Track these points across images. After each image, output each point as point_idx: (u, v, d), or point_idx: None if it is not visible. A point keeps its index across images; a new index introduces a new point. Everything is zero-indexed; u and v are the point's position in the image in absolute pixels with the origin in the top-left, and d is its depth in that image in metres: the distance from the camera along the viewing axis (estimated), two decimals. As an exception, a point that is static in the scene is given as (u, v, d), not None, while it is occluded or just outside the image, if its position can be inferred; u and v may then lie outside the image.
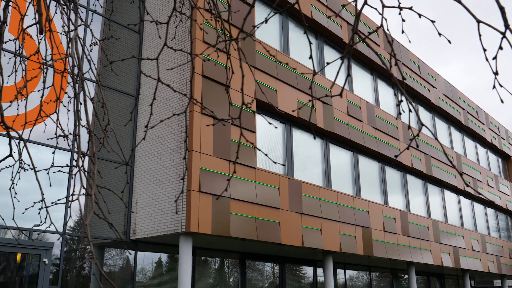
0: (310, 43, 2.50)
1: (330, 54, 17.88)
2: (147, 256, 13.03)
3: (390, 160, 19.26)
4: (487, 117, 30.43)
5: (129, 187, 12.64)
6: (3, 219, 3.42)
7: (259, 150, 2.75)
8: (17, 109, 4.00)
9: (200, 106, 2.91)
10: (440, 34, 2.25)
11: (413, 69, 22.58)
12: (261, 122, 14.05)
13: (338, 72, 2.07)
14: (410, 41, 2.63)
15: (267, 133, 14.24)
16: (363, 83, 19.43)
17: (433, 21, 2.33)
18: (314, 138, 4.81)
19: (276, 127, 4.05)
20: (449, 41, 2.36)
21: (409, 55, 22.55)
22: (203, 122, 11.70)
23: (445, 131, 25.32)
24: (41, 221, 4.18)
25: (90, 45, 3.95)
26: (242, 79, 2.78)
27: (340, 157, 16.95)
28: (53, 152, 3.44)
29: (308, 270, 17.33)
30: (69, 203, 11.09)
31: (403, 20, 2.41)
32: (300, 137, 15.43)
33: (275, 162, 3.74)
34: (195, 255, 13.57)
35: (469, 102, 28.27)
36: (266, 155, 2.92)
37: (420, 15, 2.26)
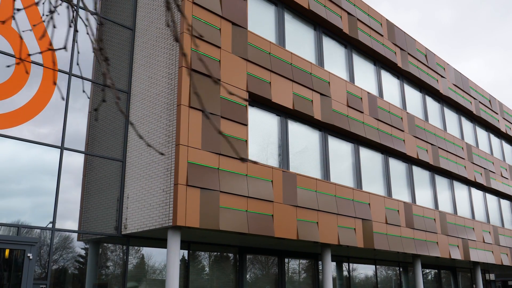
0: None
1: (330, 45, 17.67)
2: (151, 251, 13.11)
3: (394, 151, 18.97)
4: (501, 107, 29.78)
5: (120, 182, 12.71)
6: None
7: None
8: None
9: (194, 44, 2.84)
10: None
11: (420, 59, 22.18)
12: (255, 115, 13.97)
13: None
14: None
15: (261, 125, 14.15)
16: (365, 74, 19.16)
17: None
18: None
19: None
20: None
21: (415, 45, 22.15)
22: (191, 116, 11.68)
23: (455, 122, 24.85)
24: None
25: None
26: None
27: (340, 149, 16.77)
28: None
29: (308, 264, 17.23)
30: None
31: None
32: (297, 130, 15.29)
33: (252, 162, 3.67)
34: (189, 250, 13.60)
35: (482, 92, 27.68)
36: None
37: None
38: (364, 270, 19.76)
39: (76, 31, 2.82)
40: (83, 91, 13.98)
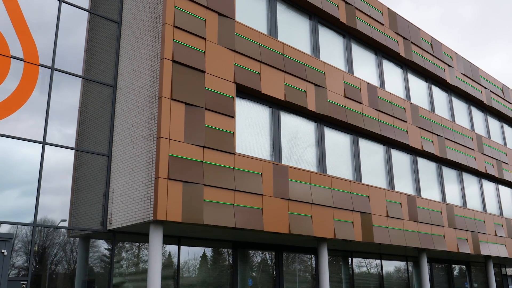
0: None
1: (327, 35, 17.26)
2: (138, 246, 12.94)
3: (397, 143, 18.46)
4: (516, 96, 28.89)
5: (106, 177, 12.55)
6: None
7: None
8: None
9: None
10: None
11: (425, 48, 21.58)
12: (244, 106, 13.67)
13: None
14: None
15: (251, 117, 13.84)
16: (366, 64, 18.69)
17: None
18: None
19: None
20: None
21: (420, 34, 21.55)
22: (173, 109, 11.44)
23: (464, 112, 24.15)
24: None
25: None
26: None
27: (337, 141, 16.36)
28: None
29: (307, 259, 16.88)
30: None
31: None
32: (291, 122, 14.94)
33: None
34: (180, 245, 13.38)
35: (493, 81, 26.88)
36: None
37: None
38: (369, 265, 19.31)
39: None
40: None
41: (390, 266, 20.17)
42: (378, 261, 19.52)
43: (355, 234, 15.05)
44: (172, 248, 13.34)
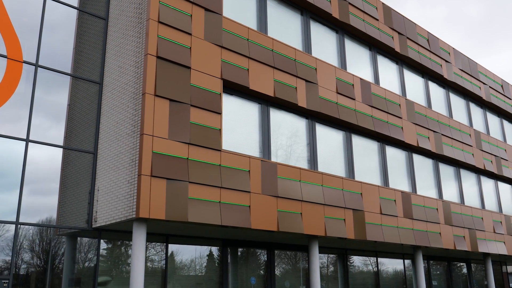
0: None
1: (319, 31, 17.07)
2: (124, 244, 12.82)
3: (391, 139, 18.25)
4: (516, 92, 28.57)
5: (92, 175, 12.43)
6: None
7: None
8: None
9: None
10: None
11: (421, 44, 21.34)
12: (232, 102, 13.52)
13: None
14: None
15: (239, 114, 13.68)
16: (360, 60, 18.48)
17: None
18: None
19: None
20: None
21: (416, 29, 21.31)
22: (157, 105, 11.30)
23: (462, 108, 23.89)
24: None
25: None
26: None
27: (329, 137, 16.17)
28: None
29: (299, 256, 16.71)
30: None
31: None
32: (281, 118, 14.77)
33: None
34: (168, 243, 13.25)
35: (493, 77, 26.58)
36: None
37: None
38: (364, 263, 19.13)
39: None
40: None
41: (386, 264, 19.97)
42: (374, 259, 19.33)
43: (347, 232, 14.87)
44: (160, 246, 13.21)
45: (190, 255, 13.97)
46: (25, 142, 11.53)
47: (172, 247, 13.46)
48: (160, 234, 13.07)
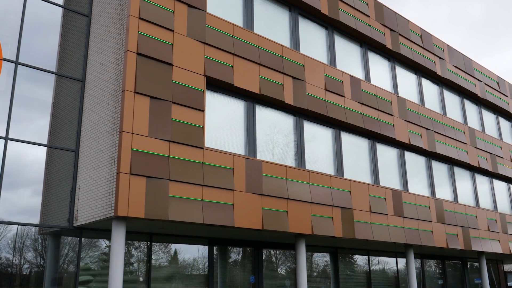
0: None
1: (307, 27, 16.90)
2: (105, 243, 12.71)
3: (382, 137, 18.07)
4: (512, 89, 28.35)
5: (73, 173, 12.31)
6: None
7: None
8: None
9: None
10: None
11: (414, 40, 21.14)
12: (216, 100, 13.37)
13: None
14: None
15: (224, 111, 13.53)
16: (350, 57, 18.29)
17: None
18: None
19: None
20: None
21: (409, 25, 21.12)
22: (137, 102, 11.17)
23: (457, 105, 23.68)
24: None
25: None
26: None
27: (317, 134, 16.00)
28: None
29: (288, 255, 16.57)
30: None
31: None
32: (267, 115, 14.62)
33: None
34: (151, 241, 13.13)
35: (488, 74, 26.36)
36: None
37: None
38: (356, 261, 18.97)
39: None
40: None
41: (378, 263, 19.80)
42: (366, 257, 19.18)
43: (335, 230, 14.71)
44: (143, 245, 13.09)
45: (176, 254, 13.84)
46: (4, 140, 11.41)
47: (156, 246, 13.33)
48: (143, 233, 12.95)
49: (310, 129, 15.78)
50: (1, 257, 11.48)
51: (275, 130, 14.72)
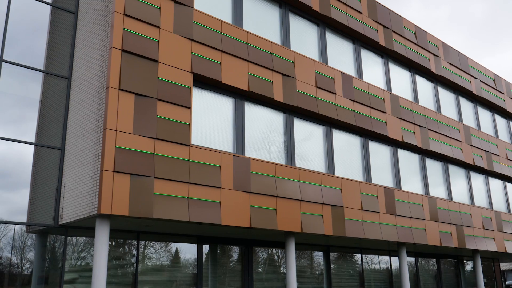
0: None
1: (298, 24, 16.78)
2: (90, 240, 12.62)
3: (374, 134, 17.96)
4: (509, 86, 28.20)
5: (59, 171, 12.23)
6: None
7: None
8: None
9: None
10: None
11: (408, 37, 21.02)
12: (203, 97, 13.27)
13: None
14: None
15: (211, 108, 13.43)
16: (342, 54, 18.17)
17: None
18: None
19: None
20: None
21: (403, 22, 20.99)
22: (121, 99, 11.07)
23: (452, 103, 23.54)
24: None
25: None
26: None
27: (308, 132, 15.89)
28: None
29: (278, 253, 16.47)
30: None
31: None
32: (256, 112, 14.51)
33: None
34: (139, 240, 13.04)
35: (484, 71, 26.22)
36: None
37: None
38: (350, 259, 18.86)
39: None
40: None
41: (371, 261, 19.69)
42: (359, 255, 19.07)
43: (325, 228, 14.61)
44: (130, 244, 13.00)
45: (163, 252, 13.74)
46: (-12, 138, 11.33)
47: (144, 245, 13.24)
48: (130, 231, 12.86)
49: (301, 126, 15.67)
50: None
51: (264, 127, 14.61)
